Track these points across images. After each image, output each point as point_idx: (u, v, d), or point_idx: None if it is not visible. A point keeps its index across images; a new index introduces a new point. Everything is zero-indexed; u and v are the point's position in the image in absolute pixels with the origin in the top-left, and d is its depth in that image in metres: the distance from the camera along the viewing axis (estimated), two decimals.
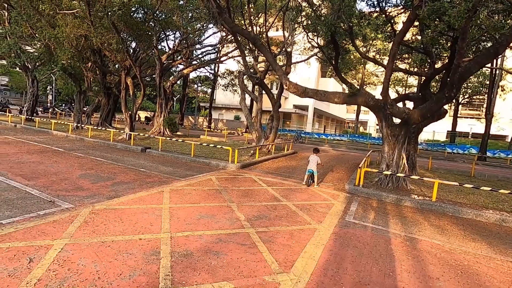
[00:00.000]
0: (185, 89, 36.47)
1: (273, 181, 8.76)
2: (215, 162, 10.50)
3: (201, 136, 22.66)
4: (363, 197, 7.74)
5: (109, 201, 5.51)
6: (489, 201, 8.15)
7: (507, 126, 47.64)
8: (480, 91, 31.61)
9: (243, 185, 7.88)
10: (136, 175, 7.94)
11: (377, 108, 8.93)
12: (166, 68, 20.34)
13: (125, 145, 13.04)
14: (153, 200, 5.79)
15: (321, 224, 5.32)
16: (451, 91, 7.03)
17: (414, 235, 5.17)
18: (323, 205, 6.60)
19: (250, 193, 7.04)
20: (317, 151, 8.78)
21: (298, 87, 9.11)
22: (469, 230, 5.82)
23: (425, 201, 7.35)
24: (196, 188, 7.04)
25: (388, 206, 7.07)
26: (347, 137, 36.01)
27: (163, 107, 19.82)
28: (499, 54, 6.19)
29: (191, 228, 4.55)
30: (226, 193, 6.82)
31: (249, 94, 16.02)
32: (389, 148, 9.13)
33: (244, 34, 9.33)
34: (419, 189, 9.09)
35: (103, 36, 12.18)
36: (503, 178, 13.81)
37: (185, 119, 44.55)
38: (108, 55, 14.33)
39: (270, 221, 5.22)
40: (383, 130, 9.16)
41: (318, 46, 13.93)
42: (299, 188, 8.08)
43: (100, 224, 4.37)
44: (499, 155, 28.22)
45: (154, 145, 13.61)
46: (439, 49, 13.63)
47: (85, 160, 9.41)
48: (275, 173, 10.14)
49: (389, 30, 12.63)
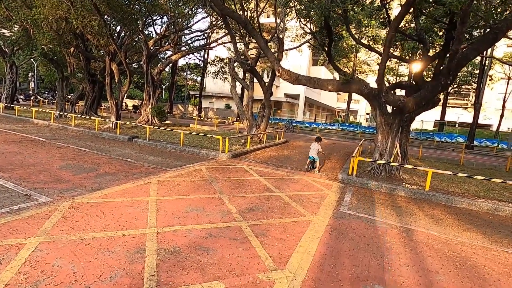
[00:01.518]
0: (174, 76, 35.47)
1: (265, 171, 8.54)
2: (205, 152, 10.18)
3: (191, 125, 22.16)
4: (356, 187, 7.62)
5: (91, 193, 5.16)
6: (479, 189, 8.18)
7: (493, 115, 48.76)
8: (469, 80, 31.96)
9: (234, 175, 7.63)
10: (121, 165, 7.56)
11: (372, 96, 8.73)
12: (153, 54, 19.55)
13: (111, 134, 12.52)
14: (139, 192, 5.48)
15: (316, 215, 5.14)
16: (447, 78, 6.87)
17: (410, 226, 5.06)
18: (317, 196, 6.43)
19: (241, 184, 6.80)
20: (319, 140, 9.35)
21: (291, 74, 8.79)
22: (463, 219, 5.76)
23: (418, 190, 7.28)
24: (185, 179, 6.74)
25: (382, 196, 6.97)
26: (338, 126, 36.09)
27: (150, 95, 19.16)
28: (498, 40, 6.03)
29: (179, 222, 4.29)
30: (217, 184, 6.56)
31: (240, 82, 15.58)
32: (382, 136, 9.00)
33: (234, 17, 8.86)
34: (412, 178, 9.06)
35: (84, 18, 11.44)
36: (490, 166, 14.01)
37: (175, 107, 43.62)
38: (91, 39, 13.56)
39: (263, 213, 5.00)
40: (377, 118, 9.00)
41: (311, 32, 13.54)
42: (292, 178, 7.89)
43: (80, 220, 4.05)
44: (485, 143, 28.83)
45: (141, 134, 13.13)
46: (433, 36, 13.48)
47: (67, 150, 8.93)
48: (267, 162, 9.92)
49: (383, 16, 12.35)
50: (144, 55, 18.65)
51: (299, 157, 11.82)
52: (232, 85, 15.89)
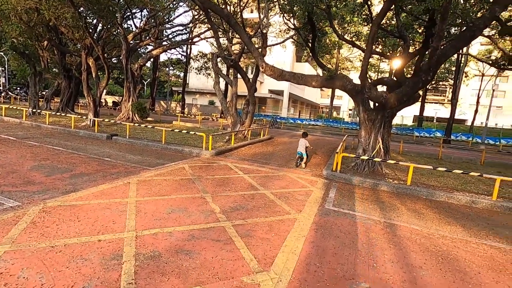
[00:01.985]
0: (155, 72, 34.54)
1: (250, 168, 8.42)
2: (188, 149, 9.93)
3: (173, 121, 21.67)
4: (341, 183, 7.66)
5: (64, 196, 4.86)
6: (457, 183, 8.44)
7: (467, 111, 50.90)
8: (446, 77, 33.10)
9: (218, 173, 7.46)
10: (99, 165, 7.21)
11: (355, 92, 8.77)
12: (133, 49, 18.87)
13: (88, 132, 11.98)
14: (118, 193, 5.22)
15: (301, 213, 5.09)
16: (427, 74, 6.98)
17: (393, 221, 5.11)
18: (302, 193, 6.39)
19: (225, 182, 6.65)
20: (306, 135, 9.47)
21: (275, 69, 8.68)
22: (443, 213, 5.90)
23: (400, 185, 7.41)
24: (167, 178, 6.51)
25: (365, 191, 7.03)
26: (322, 122, 36.49)
27: (131, 91, 18.53)
28: (475, 37, 6.17)
29: (160, 224, 4.10)
30: (200, 183, 6.38)
31: (223, 78, 15.32)
32: (365, 132, 9.09)
33: (216, 11, 8.61)
34: (394, 172, 9.22)
35: (56, 9, 10.80)
36: (466, 160, 14.57)
37: (157, 104, 42.61)
38: (65, 32, 12.86)
39: (248, 212, 4.89)
40: (360, 114, 9.07)
41: (295, 27, 13.46)
42: (276, 175, 7.82)
43: (51, 225, 3.78)
44: (461, 138, 30.05)
45: (121, 132, 12.66)
46: (413, 34, 13.76)
47: (40, 149, 8.43)
48: (252, 159, 9.81)
49: (365, 13, 12.45)
50: (124, 49, 17.97)
51: (283, 153, 11.79)
52: (215, 81, 15.60)
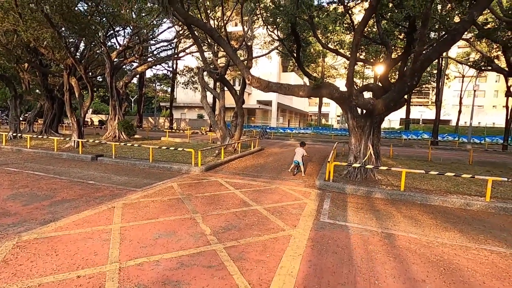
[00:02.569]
0: (141, 88, 34.23)
1: (241, 182, 8.20)
2: (177, 166, 9.65)
3: (162, 138, 21.31)
4: (334, 192, 7.51)
5: (42, 227, 4.52)
6: (450, 185, 8.43)
7: (451, 111, 52.28)
8: (429, 80, 34.03)
9: (208, 190, 7.21)
10: (82, 189, 6.86)
11: (342, 100, 8.77)
12: (117, 67, 18.64)
13: (72, 154, 11.56)
14: (101, 220, 4.91)
15: (296, 228, 4.88)
16: (412, 79, 7.02)
17: (391, 231, 4.96)
18: (296, 206, 6.20)
19: (216, 200, 6.41)
20: (303, 145, 9.84)
21: (261, 81, 8.61)
22: (439, 218, 5.80)
23: (394, 191, 7.32)
24: (154, 199, 6.22)
25: (360, 200, 6.90)
26: (311, 130, 36.69)
27: (116, 109, 18.17)
28: (456, 41, 6.28)
29: (146, 252, 3.82)
30: (190, 202, 6.12)
31: (210, 91, 15.21)
32: (355, 139, 9.05)
33: (199, 25, 8.56)
34: (386, 178, 9.16)
35: (35, 30, 10.55)
36: (455, 161, 14.73)
37: (145, 120, 42.13)
38: (45, 53, 12.56)
39: (240, 231, 4.65)
40: (349, 121, 9.05)
41: (279, 38, 13.57)
42: (269, 189, 7.62)
43: (25, 262, 3.46)
44: (447, 138, 30.65)
45: (107, 152, 12.27)
46: (394, 40, 14.07)
47: (19, 176, 8.01)
48: (243, 173, 9.59)
49: (347, 22, 12.68)
50: (108, 67, 17.72)
51: (275, 164, 11.63)
52: (202, 95, 15.46)
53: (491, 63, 12.70)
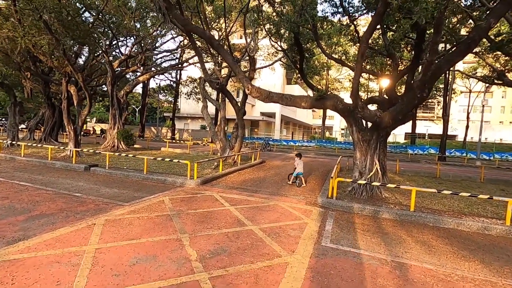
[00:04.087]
0: (145, 98, 34.22)
1: (238, 198, 7.66)
2: (172, 179, 9.16)
3: (162, 148, 20.93)
4: (338, 211, 6.93)
5: (8, 247, 4.02)
6: (463, 205, 7.80)
7: (457, 126, 51.47)
8: (434, 94, 33.56)
9: (201, 206, 6.68)
10: (66, 202, 6.38)
11: (347, 112, 8.30)
12: (119, 76, 18.51)
13: (65, 164, 11.15)
14: (76, 240, 4.39)
15: (294, 254, 4.32)
16: (423, 91, 6.56)
17: (402, 259, 4.37)
18: (295, 226, 5.63)
19: (208, 217, 5.87)
20: (300, 156, 9.97)
21: (262, 91, 8.20)
22: (455, 244, 5.18)
23: (403, 211, 6.71)
24: (141, 216, 5.71)
25: (366, 220, 6.30)
26: (314, 143, 36.13)
27: (116, 118, 17.91)
28: (471, 50, 5.85)
29: (118, 282, 3.28)
30: (179, 220, 5.59)
31: (211, 102, 14.88)
32: (361, 154, 8.52)
33: (198, 33, 8.26)
34: (394, 196, 8.55)
35: (33, 37, 10.37)
36: (465, 178, 14.04)
37: (147, 130, 42.03)
38: (44, 59, 12.39)
39: (230, 257, 4.10)
40: (353, 135, 8.55)
41: (282, 49, 13.29)
42: (267, 206, 7.06)
43: None
44: (455, 153, 29.87)
45: (103, 162, 11.86)
46: (400, 52, 13.71)
47: (3, 186, 7.57)
48: (241, 187, 9.06)
49: (352, 33, 12.38)
50: (109, 76, 17.58)
51: (275, 178, 11.08)
52: (203, 105, 15.16)
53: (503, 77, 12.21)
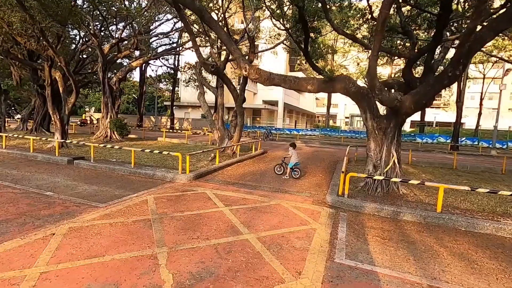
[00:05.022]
0: (142, 86, 33.00)
1: (234, 196, 6.65)
2: (161, 174, 8.16)
3: (158, 138, 19.93)
4: (351, 212, 5.91)
5: None
6: (493, 203, 6.77)
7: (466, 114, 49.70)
8: None
9: (190, 207, 5.69)
10: (30, 204, 5.41)
11: (360, 96, 7.16)
12: (110, 61, 17.33)
13: (47, 156, 10.20)
14: (21, 259, 3.42)
15: (300, 278, 3.32)
16: (456, 68, 5.39)
17: (441, 283, 3.35)
18: (301, 234, 4.62)
19: (196, 223, 4.88)
20: (295, 146, 9.21)
21: (261, 72, 7.07)
22: (501, 257, 4.15)
23: (429, 213, 5.67)
24: (114, 222, 4.73)
25: (385, 224, 5.28)
26: (319, 132, 34.93)
27: (109, 106, 16.84)
28: None
29: None
30: (160, 227, 4.60)
31: (207, 87, 13.74)
32: (375, 144, 7.43)
33: (186, 3, 7.08)
34: (412, 192, 7.50)
35: (5, 14, 9.22)
36: (485, 169, 12.90)
37: (147, 119, 41.05)
38: (21, 41, 11.25)
39: (218, 283, 3.11)
40: (367, 123, 7.43)
41: (285, 28, 12.01)
42: (267, 206, 6.05)
43: None
44: (466, 142, 28.55)
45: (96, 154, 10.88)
46: (416, 30, 12.34)
47: None
48: (239, 182, 8.05)
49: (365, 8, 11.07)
50: (100, 62, 16.44)
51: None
52: (200, 91, 14.03)
53: None
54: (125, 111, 52.47)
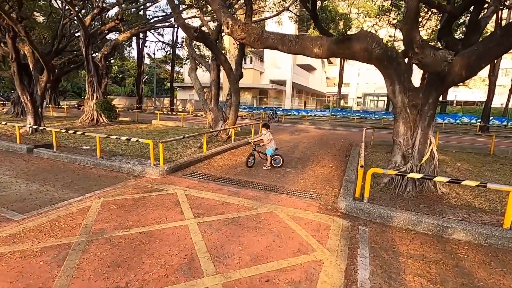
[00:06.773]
0: (140, 66, 31.07)
1: (212, 199, 4.94)
2: (129, 166, 6.51)
3: (153, 121, 18.32)
4: (373, 225, 4.13)
5: None
6: None
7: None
8: None
9: (144, 219, 4.02)
10: None
11: (387, 61, 5.17)
12: (94, 35, 15.47)
13: (7, 144, 8.70)
14: None
15: None
16: None
17: None
18: (298, 276, 2.89)
19: (138, 252, 3.20)
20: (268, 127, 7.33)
21: (250, 29, 5.13)
22: None
23: (492, 230, 3.82)
24: (13, 250, 3.10)
25: (427, 247, 3.50)
26: (329, 113, 32.63)
27: (94, 86, 15.19)
28: None
29: None
30: (74, 262, 2.95)
31: (198, 61, 11.81)
32: (406, 127, 5.51)
33: None
34: (453, 191, 5.62)
35: None
36: None
37: (149, 101, 39.54)
38: None
39: None
40: (396, 98, 5.47)
41: None
42: (255, 216, 4.32)
43: None
44: (493, 122, 25.85)
45: (68, 140, 9.39)
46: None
47: None
48: (225, 177, 6.32)
49: None
50: (82, 35, 14.64)
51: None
52: (190, 67, 12.15)
53: None
54: (130, 93, 50.93)
